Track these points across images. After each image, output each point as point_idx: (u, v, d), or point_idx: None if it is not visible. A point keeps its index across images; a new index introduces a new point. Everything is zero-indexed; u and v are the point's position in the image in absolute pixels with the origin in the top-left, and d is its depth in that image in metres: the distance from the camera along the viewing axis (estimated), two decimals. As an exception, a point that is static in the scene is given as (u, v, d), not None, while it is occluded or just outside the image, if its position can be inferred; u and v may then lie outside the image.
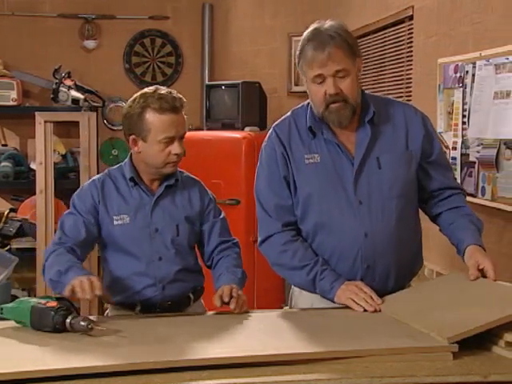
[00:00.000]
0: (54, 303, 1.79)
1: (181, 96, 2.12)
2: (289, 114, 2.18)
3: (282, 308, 3.61)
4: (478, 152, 2.76)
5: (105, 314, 2.35)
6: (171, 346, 1.67)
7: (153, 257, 2.13)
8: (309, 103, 2.12)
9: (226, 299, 1.98)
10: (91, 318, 1.83)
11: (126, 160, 2.20)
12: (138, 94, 2.13)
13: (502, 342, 1.68)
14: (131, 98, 2.14)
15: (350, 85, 1.99)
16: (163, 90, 2.11)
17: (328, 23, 2.02)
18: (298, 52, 2.04)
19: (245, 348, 1.64)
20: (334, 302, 2.04)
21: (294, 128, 2.12)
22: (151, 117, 2.07)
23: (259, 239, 2.16)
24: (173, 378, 1.51)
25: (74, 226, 2.12)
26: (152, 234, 2.14)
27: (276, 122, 2.20)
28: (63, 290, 1.87)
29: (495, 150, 2.66)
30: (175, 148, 2.09)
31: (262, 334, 1.79)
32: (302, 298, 2.21)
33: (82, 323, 1.74)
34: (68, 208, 2.22)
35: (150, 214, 2.14)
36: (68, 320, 1.75)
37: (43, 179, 4.59)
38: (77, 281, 1.84)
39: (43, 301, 1.81)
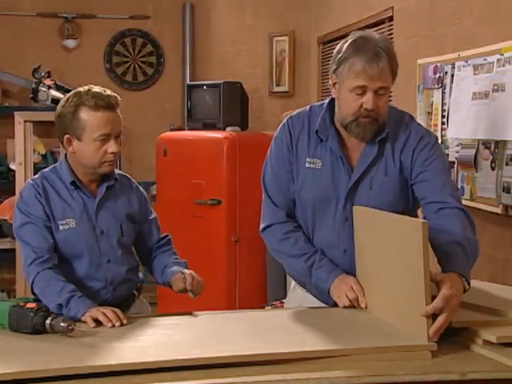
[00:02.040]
0: (32, 304, 1.77)
1: (116, 94, 2.10)
2: (307, 109, 2.15)
3: (263, 308, 3.63)
4: (457, 152, 2.79)
5: None
6: (151, 346, 1.67)
7: (101, 260, 2.11)
8: (328, 105, 2.10)
9: (189, 287, 2.04)
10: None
11: (61, 163, 2.14)
12: (71, 93, 2.09)
13: (479, 340, 1.69)
14: (64, 98, 2.10)
15: (385, 103, 1.98)
16: (97, 88, 2.09)
17: (375, 34, 1.98)
18: (338, 58, 1.97)
19: (224, 348, 1.64)
20: (327, 294, 2.05)
21: (306, 126, 2.10)
22: (86, 114, 2.03)
23: (262, 225, 2.17)
24: (152, 378, 1.50)
25: (37, 234, 2.04)
26: (98, 237, 2.11)
27: (292, 114, 2.17)
28: (72, 319, 1.86)
29: (474, 150, 2.68)
30: (111, 146, 2.05)
31: (241, 334, 1.79)
32: (294, 295, 2.25)
33: (62, 324, 1.72)
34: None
35: (95, 217, 2.11)
36: (48, 321, 1.74)
37: (23, 179, 4.54)
38: (99, 314, 1.85)
39: (22, 302, 1.80)
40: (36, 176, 2.15)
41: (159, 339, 1.74)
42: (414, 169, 2.03)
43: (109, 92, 2.09)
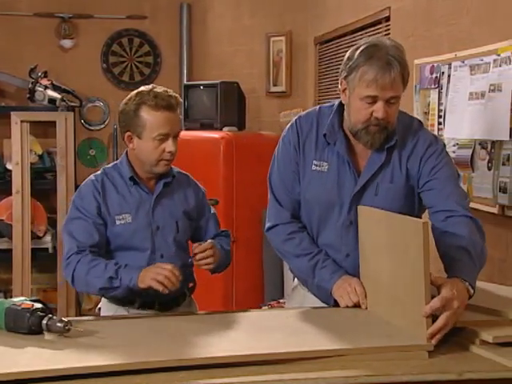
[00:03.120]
0: (29, 304, 1.77)
1: (176, 95, 2.15)
2: (316, 109, 2.14)
3: (260, 308, 3.63)
4: (453, 152, 2.79)
5: (96, 309, 2.35)
6: (148, 346, 1.67)
7: (155, 255, 2.16)
8: (337, 109, 2.08)
9: (197, 250, 2.08)
10: (68, 319, 1.81)
11: (122, 159, 2.21)
12: (134, 92, 2.15)
13: (477, 340, 1.70)
14: (127, 96, 2.16)
15: (395, 112, 1.97)
16: (160, 88, 2.14)
17: (387, 41, 1.95)
18: (350, 65, 1.95)
19: (222, 348, 1.64)
20: (329, 294, 2.05)
21: (314, 128, 2.10)
22: (146, 113, 2.09)
23: (267, 225, 2.18)
24: (148, 378, 1.50)
25: (85, 230, 2.11)
26: (154, 232, 2.16)
27: (301, 114, 2.17)
28: (127, 288, 2.00)
29: (470, 150, 2.69)
30: (169, 146, 2.11)
31: (239, 334, 1.79)
32: (296, 293, 2.25)
33: (59, 324, 1.72)
34: (44, 207, 2.20)
35: (152, 213, 2.16)
36: (44, 321, 1.73)
37: (19, 179, 4.54)
38: (162, 278, 1.95)
39: (18, 302, 1.80)
40: (98, 172, 2.22)
41: (155, 339, 1.73)
42: (422, 177, 2.02)
43: (170, 92, 2.14)
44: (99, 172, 2.22)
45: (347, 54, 2.00)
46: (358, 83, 1.93)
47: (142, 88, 2.16)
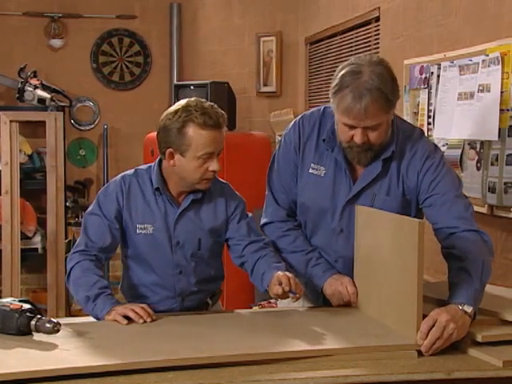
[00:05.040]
0: (17, 305, 1.76)
1: (223, 112, 2.04)
2: (320, 110, 2.13)
3: (250, 308, 3.63)
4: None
5: None
6: (136, 347, 1.66)
7: (173, 270, 2.09)
8: None
9: (287, 288, 1.88)
10: (57, 319, 1.81)
11: (155, 166, 2.10)
12: (180, 106, 2.02)
13: (466, 339, 1.70)
14: (171, 110, 2.03)
15: (378, 136, 1.93)
16: (207, 104, 2.02)
17: (371, 67, 1.87)
18: (333, 86, 1.91)
19: (211, 348, 1.64)
20: (320, 291, 2.06)
21: (316, 129, 2.09)
22: (193, 131, 1.98)
23: (263, 220, 2.19)
24: (137, 379, 1.50)
25: (98, 230, 2.06)
26: (174, 247, 2.08)
27: (306, 113, 2.15)
28: (96, 317, 1.92)
29: (459, 151, 2.70)
30: (213, 165, 2.01)
31: (228, 334, 1.79)
32: None
33: (48, 325, 1.71)
34: (34, 207, 2.18)
35: (174, 227, 2.07)
36: (33, 322, 1.73)
37: (9, 180, 4.52)
38: (129, 311, 1.86)
39: (7, 303, 1.79)
40: (130, 171, 2.13)
41: (144, 339, 1.73)
42: (421, 192, 2.01)
43: (217, 109, 2.03)
44: (131, 171, 2.13)
45: (337, 70, 1.95)
46: (336, 109, 1.93)
47: (189, 103, 2.02)
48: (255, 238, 2.14)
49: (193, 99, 2.04)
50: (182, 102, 2.04)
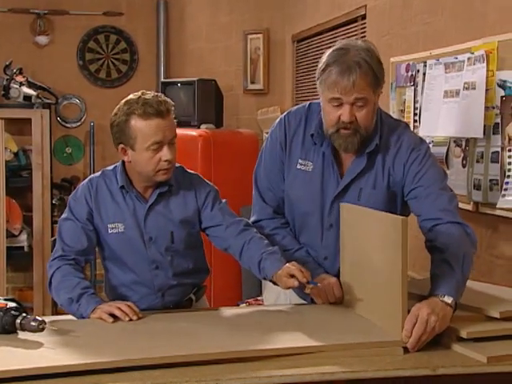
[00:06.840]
0: (2, 304, 1.75)
1: (167, 99, 2.03)
2: (305, 106, 2.13)
3: (238, 305, 3.63)
4: (429, 149, 2.81)
5: None
6: (122, 345, 1.66)
7: (149, 266, 2.08)
8: None
9: (304, 280, 1.86)
10: (42, 318, 1.80)
11: (119, 165, 2.11)
12: (123, 101, 2.04)
13: (452, 335, 1.71)
14: (116, 107, 2.05)
15: (366, 115, 1.94)
16: (148, 94, 2.03)
17: (357, 45, 1.93)
18: (320, 67, 1.94)
19: (197, 346, 1.64)
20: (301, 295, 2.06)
21: (302, 125, 2.09)
22: (136, 123, 1.98)
23: (251, 219, 2.18)
24: (123, 377, 1.49)
25: (74, 234, 2.06)
26: (147, 243, 2.07)
27: (291, 110, 2.15)
28: (81, 316, 1.91)
29: (445, 148, 2.71)
30: (165, 154, 1.99)
31: (214, 331, 1.78)
32: (271, 291, 2.24)
33: (33, 323, 1.70)
34: (19, 205, 2.17)
35: (144, 223, 2.07)
36: (18, 321, 1.72)
37: (-6, 177, 4.49)
38: (115, 309, 1.86)
39: (-8, 302, 1.78)
40: (97, 173, 2.14)
41: (131, 338, 1.73)
42: (406, 184, 2.01)
43: (160, 98, 2.02)
44: (98, 174, 2.14)
45: (322, 57, 1.98)
46: (323, 86, 1.93)
47: (131, 96, 2.04)
48: (232, 220, 2.11)
49: (137, 92, 2.05)
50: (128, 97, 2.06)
